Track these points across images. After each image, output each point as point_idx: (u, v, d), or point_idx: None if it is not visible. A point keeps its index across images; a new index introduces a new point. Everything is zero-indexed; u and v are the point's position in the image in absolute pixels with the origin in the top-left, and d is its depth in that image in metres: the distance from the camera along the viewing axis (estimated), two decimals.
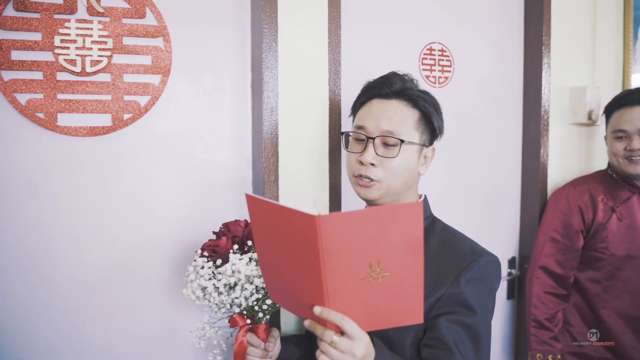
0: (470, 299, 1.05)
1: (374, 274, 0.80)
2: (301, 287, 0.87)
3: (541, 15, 1.93)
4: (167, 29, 1.38)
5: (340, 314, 0.83)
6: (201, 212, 1.43)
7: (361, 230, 0.77)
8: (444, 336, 1.02)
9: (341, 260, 0.78)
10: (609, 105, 1.81)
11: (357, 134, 1.17)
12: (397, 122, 1.14)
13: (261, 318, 1.12)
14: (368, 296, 0.83)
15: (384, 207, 0.79)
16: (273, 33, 1.41)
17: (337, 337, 0.84)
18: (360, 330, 0.85)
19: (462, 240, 1.17)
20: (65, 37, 1.29)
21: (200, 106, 1.44)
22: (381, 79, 1.21)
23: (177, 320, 1.41)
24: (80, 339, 1.33)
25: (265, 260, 0.94)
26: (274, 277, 0.95)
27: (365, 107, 1.20)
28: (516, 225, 2.06)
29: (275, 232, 0.86)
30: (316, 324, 0.87)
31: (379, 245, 0.79)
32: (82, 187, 1.33)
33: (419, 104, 1.16)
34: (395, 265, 0.81)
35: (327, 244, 0.76)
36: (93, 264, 1.34)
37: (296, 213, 0.78)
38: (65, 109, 1.30)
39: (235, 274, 1.04)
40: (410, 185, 1.19)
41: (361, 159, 1.14)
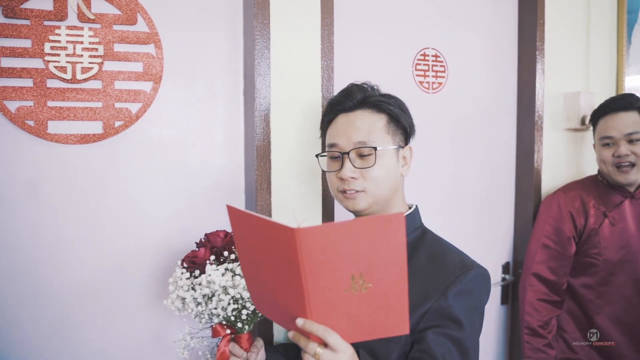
0: (458, 312, 1.05)
1: (356, 286, 0.80)
2: (284, 298, 0.86)
3: (535, 20, 1.93)
4: (159, 36, 1.38)
5: (322, 326, 0.83)
6: (193, 219, 1.42)
7: (342, 242, 0.77)
8: (431, 349, 1.01)
9: (323, 273, 0.78)
10: (595, 113, 1.82)
11: (331, 152, 1.18)
12: (367, 130, 1.14)
13: (242, 328, 1.11)
14: (351, 308, 0.82)
15: (365, 219, 0.78)
16: (265, 40, 1.40)
17: (320, 349, 0.84)
18: (343, 342, 0.84)
19: (452, 253, 1.16)
20: (56, 44, 1.28)
21: (192, 113, 1.43)
22: (342, 94, 1.21)
23: (167, 327, 1.40)
24: (70, 347, 1.32)
25: (248, 271, 0.94)
26: (257, 288, 0.94)
27: (333, 124, 1.21)
28: (510, 230, 2.06)
29: (256, 243, 0.86)
30: (300, 336, 0.87)
31: (361, 257, 0.78)
32: (74, 194, 1.32)
33: (384, 107, 1.17)
34: (379, 276, 0.80)
35: (307, 256, 0.75)
36: (84, 270, 1.33)
37: (275, 225, 0.77)
38: (56, 116, 1.29)
39: (211, 284, 1.04)
40: (396, 189, 1.19)
41: (341, 175, 1.14)
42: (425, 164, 1.82)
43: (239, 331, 1.13)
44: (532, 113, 1.96)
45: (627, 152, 1.72)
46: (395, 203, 1.19)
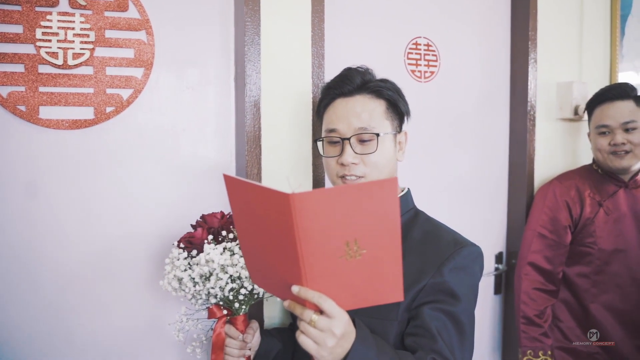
0: (453, 286, 1.06)
1: (351, 252, 0.80)
2: (279, 267, 0.87)
3: (527, 10, 1.94)
4: (150, 22, 1.39)
5: (318, 292, 0.83)
6: (184, 204, 1.43)
7: (336, 207, 0.77)
8: (426, 324, 1.02)
9: (317, 239, 0.78)
10: (591, 102, 1.83)
11: (331, 137, 1.18)
12: (368, 116, 1.15)
13: (239, 309, 1.12)
14: (346, 274, 0.82)
15: (358, 185, 0.79)
16: (256, 26, 1.41)
17: (316, 316, 0.84)
18: (338, 308, 0.85)
19: (445, 231, 1.18)
20: (47, 30, 1.29)
21: (183, 99, 1.44)
22: (339, 78, 1.21)
23: (161, 312, 1.41)
24: (64, 332, 1.33)
25: (245, 242, 0.94)
26: (254, 259, 0.95)
27: (330, 108, 1.21)
28: (503, 220, 2.07)
29: (252, 212, 0.86)
30: (295, 304, 0.87)
31: (355, 223, 0.79)
32: (65, 180, 1.33)
33: (383, 93, 1.18)
34: (373, 242, 0.81)
35: (302, 222, 0.76)
36: (76, 256, 1.34)
37: (271, 192, 0.78)
38: (47, 101, 1.30)
39: (209, 263, 1.04)
40: (393, 174, 1.20)
41: (342, 160, 1.14)
42: (418, 154, 1.82)
43: (235, 312, 1.14)
44: (525, 103, 1.96)
45: (623, 140, 1.73)
46: None
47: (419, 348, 1.00)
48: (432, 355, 0.98)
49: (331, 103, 1.21)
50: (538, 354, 1.79)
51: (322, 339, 0.84)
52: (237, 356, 1.15)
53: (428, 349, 0.99)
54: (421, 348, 1.00)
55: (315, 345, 0.84)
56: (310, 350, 0.85)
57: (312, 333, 0.84)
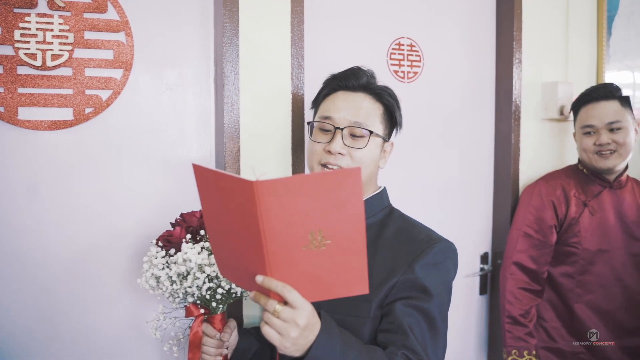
0: (425, 283, 1.06)
1: (315, 242, 0.80)
2: (245, 257, 0.87)
3: (512, 10, 1.94)
4: (129, 24, 1.39)
5: (281, 282, 0.83)
6: (165, 203, 1.44)
7: (300, 196, 0.77)
8: (398, 320, 1.03)
9: (281, 228, 0.78)
10: (576, 102, 1.83)
11: (324, 123, 1.19)
12: (365, 114, 1.17)
13: (216, 308, 1.13)
14: (311, 265, 0.82)
15: (322, 173, 0.79)
16: (234, 27, 1.42)
17: (280, 306, 0.84)
18: (302, 299, 0.85)
19: (418, 228, 1.18)
20: (26, 32, 1.30)
21: (163, 101, 1.45)
22: (348, 72, 1.24)
23: (142, 310, 1.41)
24: (47, 331, 1.34)
25: (213, 233, 0.94)
26: (222, 250, 0.95)
27: (330, 98, 1.22)
28: (489, 220, 2.07)
29: (220, 201, 0.86)
30: (260, 295, 0.87)
31: (319, 213, 0.79)
32: (44, 180, 1.34)
33: (384, 98, 1.20)
34: (337, 233, 0.81)
35: (265, 210, 0.76)
36: (58, 256, 1.35)
37: (235, 180, 0.78)
38: (26, 102, 1.31)
39: (187, 262, 1.05)
40: (371, 177, 1.21)
41: (329, 148, 1.15)
42: (402, 154, 1.82)
43: (212, 311, 1.14)
44: (510, 103, 1.97)
45: (608, 140, 1.73)
46: (368, 188, 1.22)
47: (391, 344, 1.00)
48: (403, 351, 0.97)
49: (332, 93, 1.23)
50: (523, 354, 1.79)
51: (286, 329, 0.83)
52: (214, 355, 1.16)
53: (399, 345, 0.99)
54: (393, 344, 1.00)
55: (278, 336, 0.84)
56: (274, 341, 0.85)
57: (275, 324, 0.84)
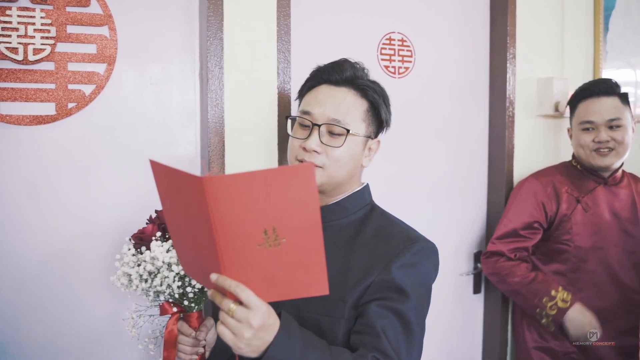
0: (402, 283, 1.02)
1: (270, 241, 0.78)
2: (201, 254, 0.85)
3: (506, 4, 1.91)
4: (113, 18, 1.38)
5: (235, 281, 0.81)
6: (146, 201, 1.41)
7: (252, 193, 0.75)
8: (371, 321, 0.99)
9: (233, 225, 0.76)
10: (574, 96, 1.79)
11: (303, 119, 1.14)
12: (345, 111, 1.11)
13: (190, 307, 1.11)
14: (266, 264, 0.80)
15: (274, 169, 0.77)
16: (219, 20, 1.40)
17: (234, 306, 0.82)
18: (257, 299, 0.82)
19: (398, 227, 1.14)
20: (7, 25, 1.29)
21: (147, 96, 1.44)
22: (332, 64, 1.18)
23: (120, 308, 1.40)
24: (23, 329, 1.32)
25: (173, 231, 0.93)
26: (182, 247, 0.93)
27: (313, 92, 1.17)
28: (483, 218, 2.04)
29: (175, 198, 0.85)
30: (216, 293, 0.85)
31: (272, 209, 0.77)
32: (25, 176, 1.32)
33: (369, 94, 1.14)
34: (292, 231, 0.78)
35: (216, 206, 0.74)
36: (36, 253, 1.34)
37: (187, 176, 0.76)
38: (8, 97, 1.30)
39: (154, 260, 1.03)
40: (352, 175, 1.16)
41: (304, 145, 1.11)
42: (393, 151, 1.80)
43: (187, 310, 1.13)
44: (504, 99, 1.94)
45: (608, 137, 1.70)
46: (349, 187, 1.18)
47: (362, 346, 0.97)
48: (373, 354, 0.94)
49: (316, 86, 1.17)
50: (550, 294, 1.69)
51: (239, 329, 0.82)
52: (190, 353, 1.14)
53: (370, 347, 0.96)
54: (364, 346, 0.97)
55: (232, 336, 0.82)
56: (228, 341, 0.83)
57: (229, 323, 0.82)
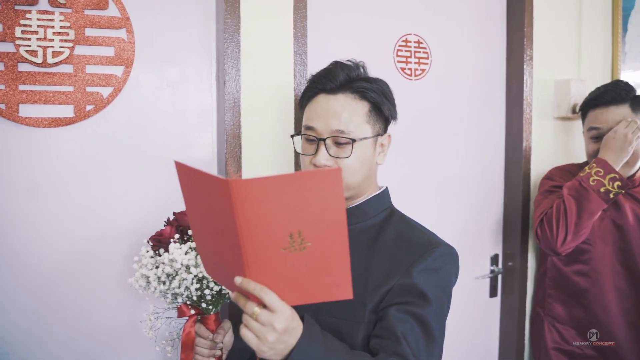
0: (423, 288, 1.02)
1: (295, 245, 0.78)
2: (226, 257, 0.85)
3: (523, 5, 1.89)
4: (130, 20, 1.38)
5: (259, 285, 0.81)
6: (164, 202, 1.42)
7: (278, 196, 0.75)
8: (392, 326, 0.98)
9: (259, 228, 0.76)
10: (584, 104, 1.77)
11: (307, 135, 1.14)
12: (347, 118, 1.10)
13: (207, 309, 1.11)
14: (291, 267, 0.80)
15: (301, 173, 0.77)
16: (236, 23, 1.40)
17: (258, 309, 0.82)
18: (281, 302, 0.82)
19: (419, 231, 1.13)
20: (27, 29, 1.30)
21: (164, 98, 1.44)
22: (323, 73, 1.16)
23: (138, 309, 1.40)
24: (42, 329, 1.33)
25: (197, 232, 0.93)
26: (205, 249, 0.93)
27: (312, 103, 1.16)
28: (499, 221, 2.02)
29: (200, 200, 0.85)
30: (240, 296, 0.85)
31: (298, 214, 0.76)
32: (44, 178, 1.33)
33: (367, 95, 1.12)
34: (318, 235, 0.78)
35: (242, 210, 0.74)
36: (54, 255, 1.34)
37: (213, 178, 0.76)
38: (27, 99, 1.31)
39: (173, 263, 1.03)
40: (368, 177, 1.16)
41: (314, 161, 1.11)
42: (409, 153, 1.79)
43: (204, 312, 1.12)
44: (521, 101, 1.92)
45: None
46: (367, 189, 1.17)
47: (382, 350, 0.96)
48: (393, 358, 0.94)
49: (314, 97, 1.16)
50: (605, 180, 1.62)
51: (263, 333, 0.81)
52: (207, 356, 1.14)
53: (390, 352, 0.95)
54: (383, 350, 0.96)
55: (256, 339, 0.82)
56: (252, 344, 0.83)
57: (253, 326, 0.82)
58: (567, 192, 1.66)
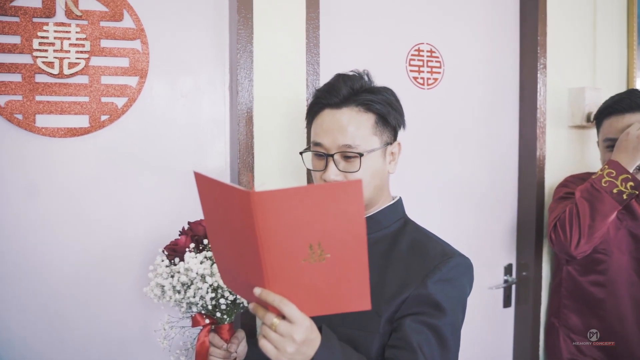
0: (438, 299, 1.02)
1: (315, 256, 0.78)
2: (244, 268, 0.85)
3: (536, 14, 1.88)
4: (145, 32, 1.40)
5: (279, 296, 0.81)
6: (178, 212, 1.43)
7: (298, 208, 0.75)
8: (407, 336, 0.98)
9: (279, 240, 0.77)
10: (599, 113, 1.75)
11: (316, 150, 1.15)
12: (353, 132, 1.09)
13: (222, 318, 1.11)
14: (310, 278, 0.80)
15: (321, 185, 0.77)
16: (248, 34, 1.41)
17: (277, 320, 0.82)
18: (300, 313, 0.82)
19: (433, 242, 1.13)
20: (44, 40, 1.32)
21: (178, 107, 1.45)
22: (327, 87, 1.16)
23: (152, 318, 1.41)
24: (58, 336, 1.35)
25: (215, 242, 0.93)
26: (223, 259, 0.94)
27: (318, 119, 1.16)
28: (513, 231, 2.00)
29: (219, 210, 0.85)
30: (258, 307, 0.86)
31: (318, 225, 0.77)
32: (60, 187, 1.35)
33: (372, 107, 1.11)
34: (337, 247, 0.78)
35: (263, 221, 0.74)
36: (71, 262, 1.36)
37: (234, 190, 0.77)
38: (44, 110, 1.33)
39: (188, 272, 1.03)
40: (381, 187, 1.16)
41: (324, 177, 1.11)
42: (422, 162, 1.79)
43: (219, 321, 1.13)
44: (534, 110, 1.90)
45: None
46: (380, 199, 1.17)
47: None
48: None
49: (319, 112, 1.16)
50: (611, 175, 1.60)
51: (282, 344, 0.82)
52: None
53: None
54: None
55: (275, 350, 0.82)
56: (270, 355, 0.83)
57: (272, 337, 0.82)
58: (579, 194, 1.64)
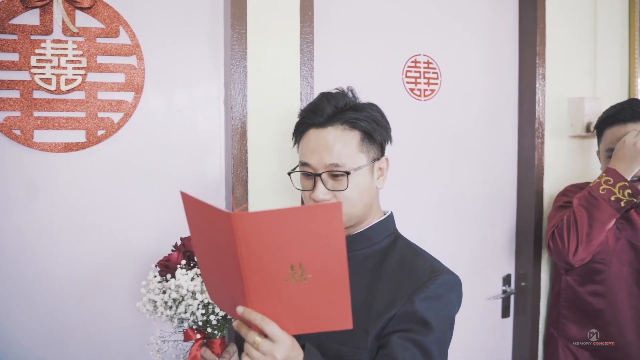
0: (425, 316, 1.02)
1: (296, 276, 0.80)
2: (228, 287, 0.88)
3: (535, 24, 1.87)
4: (141, 47, 1.42)
5: (260, 315, 0.84)
6: (173, 227, 1.44)
7: (279, 229, 0.78)
8: (394, 353, 0.99)
9: (261, 260, 0.79)
10: (600, 122, 1.74)
11: (303, 170, 1.16)
12: (339, 151, 1.10)
13: (213, 333, 1.12)
14: (292, 298, 0.82)
15: (302, 207, 0.79)
16: (242, 49, 1.42)
17: (259, 339, 0.85)
18: (281, 332, 0.85)
19: (422, 258, 1.13)
20: (41, 57, 1.35)
21: (173, 122, 1.47)
22: (311, 107, 1.16)
23: (148, 330, 1.42)
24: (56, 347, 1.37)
25: (202, 260, 0.96)
26: (210, 277, 0.96)
27: (305, 138, 1.17)
28: (512, 241, 1.99)
29: (204, 230, 0.88)
30: (242, 325, 0.88)
31: (299, 246, 0.79)
32: (58, 201, 1.37)
33: (357, 125, 1.12)
34: (318, 267, 0.80)
35: (244, 242, 0.77)
36: (69, 274, 1.38)
37: (216, 211, 0.79)
38: (41, 125, 1.35)
39: (179, 289, 1.05)
40: (370, 204, 1.16)
41: (313, 197, 1.12)
42: (419, 175, 1.79)
43: (210, 336, 1.14)
44: (533, 120, 1.89)
45: None
46: (369, 215, 1.18)
47: None
48: None
49: (305, 132, 1.17)
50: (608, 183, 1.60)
51: None
52: None
53: None
54: None
55: None
56: None
57: (254, 355, 0.85)
58: (577, 202, 1.63)
